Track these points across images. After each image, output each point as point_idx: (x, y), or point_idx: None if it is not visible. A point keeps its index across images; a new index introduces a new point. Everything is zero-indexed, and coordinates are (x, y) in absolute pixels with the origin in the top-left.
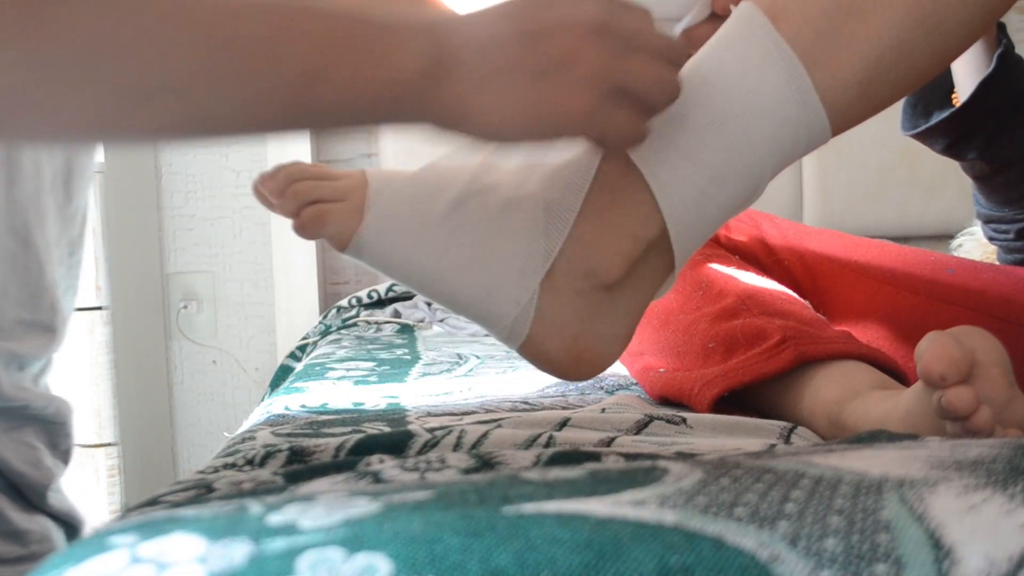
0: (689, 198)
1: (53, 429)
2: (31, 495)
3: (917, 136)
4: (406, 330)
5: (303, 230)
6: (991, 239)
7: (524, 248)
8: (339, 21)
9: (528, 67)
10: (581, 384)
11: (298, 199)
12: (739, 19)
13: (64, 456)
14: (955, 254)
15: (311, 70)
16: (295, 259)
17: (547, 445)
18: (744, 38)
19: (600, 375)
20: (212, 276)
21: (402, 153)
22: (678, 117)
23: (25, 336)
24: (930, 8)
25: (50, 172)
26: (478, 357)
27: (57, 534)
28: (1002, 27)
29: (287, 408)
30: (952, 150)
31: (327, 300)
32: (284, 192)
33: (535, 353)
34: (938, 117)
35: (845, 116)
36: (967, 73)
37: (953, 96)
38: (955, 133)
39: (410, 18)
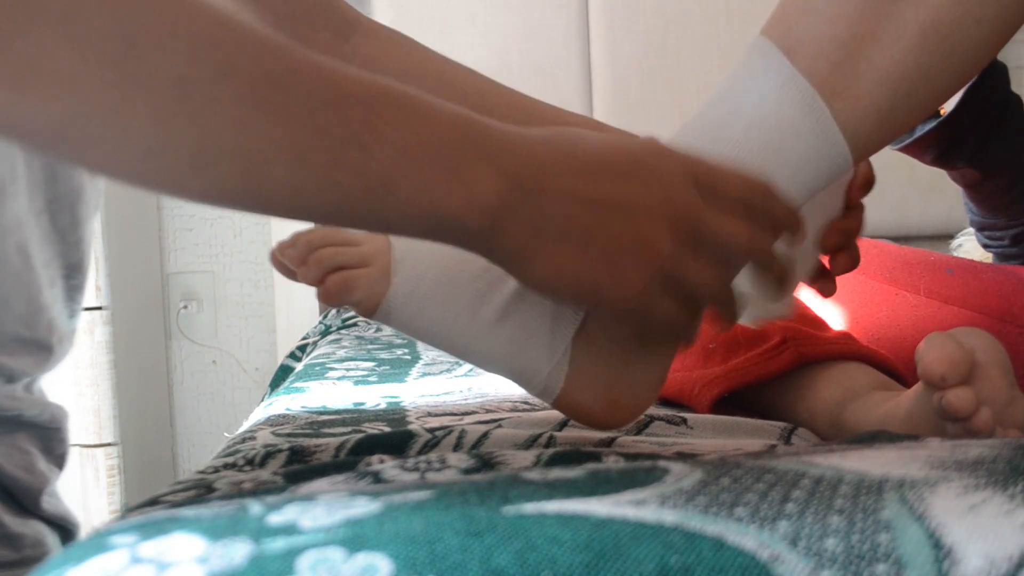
0: None
1: (47, 435)
2: (25, 500)
3: (905, 149)
4: None
5: (328, 298)
6: (986, 247)
7: None
8: (427, 124)
9: (594, 241)
10: None
11: (321, 266)
12: (753, 55)
13: (58, 461)
14: (954, 254)
15: (380, 179)
16: None
17: (547, 445)
18: (760, 74)
19: None
20: (212, 276)
21: None
22: (699, 156)
23: (20, 352)
24: (946, 31)
25: (43, 195)
26: None
27: (51, 539)
28: None
29: (287, 408)
30: (942, 160)
31: None
32: (306, 260)
33: (570, 405)
34: (923, 129)
35: (866, 144)
36: None
37: (940, 107)
38: (944, 143)
39: (500, 131)
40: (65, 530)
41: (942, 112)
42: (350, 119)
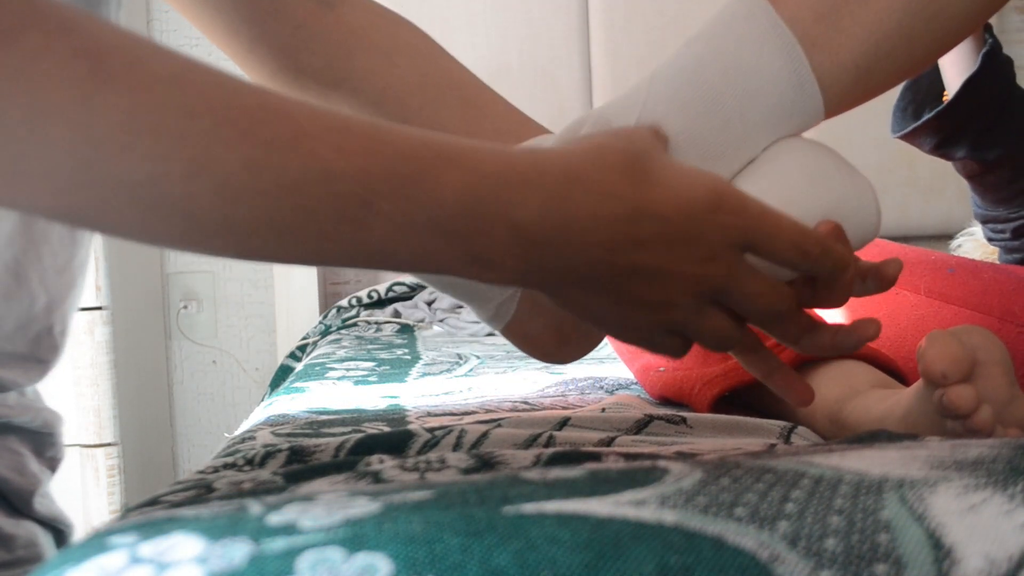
0: None
1: (39, 439)
2: (16, 501)
3: (905, 137)
4: (406, 330)
5: None
6: (990, 239)
7: None
8: (430, 196)
9: (612, 293)
10: (581, 383)
11: None
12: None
13: (51, 463)
14: (954, 255)
15: (377, 250)
16: None
17: (547, 445)
18: (742, 19)
19: (599, 375)
20: (212, 276)
21: None
22: (672, 96)
23: (11, 365)
24: None
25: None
26: (478, 357)
27: (45, 539)
28: (988, 27)
29: (287, 408)
30: (941, 149)
31: (327, 300)
32: None
33: (520, 334)
34: (926, 116)
35: (840, 99)
36: (955, 73)
37: (944, 96)
38: (942, 132)
39: (516, 195)
40: (59, 531)
41: (944, 99)
42: (341, 197)
